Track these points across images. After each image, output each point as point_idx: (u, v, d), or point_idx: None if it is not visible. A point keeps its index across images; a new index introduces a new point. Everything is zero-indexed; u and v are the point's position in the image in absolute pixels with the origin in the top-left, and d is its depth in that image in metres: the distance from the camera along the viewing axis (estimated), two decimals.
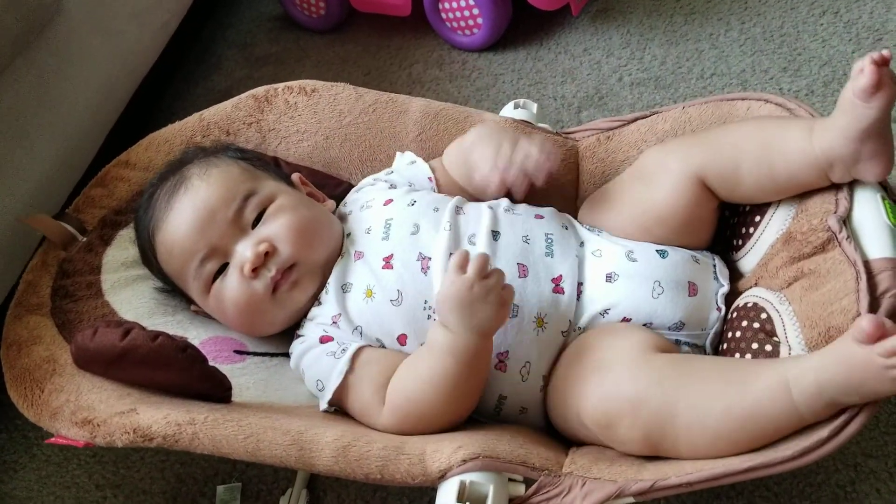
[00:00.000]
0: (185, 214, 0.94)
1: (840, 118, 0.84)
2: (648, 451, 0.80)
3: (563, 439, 0.91)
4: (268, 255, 0.92)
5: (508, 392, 0.90)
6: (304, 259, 0.94)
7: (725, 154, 0.91)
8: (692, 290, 0.91)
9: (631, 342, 0.85)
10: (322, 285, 0.95)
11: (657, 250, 0.93)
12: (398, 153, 1.09)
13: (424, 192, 1.01)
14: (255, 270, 0.92)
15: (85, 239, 1.05)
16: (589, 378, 0.83)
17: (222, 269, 0.95)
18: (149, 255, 1.00)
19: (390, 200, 0.98)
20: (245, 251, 0.93)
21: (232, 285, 0.94)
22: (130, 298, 1.02)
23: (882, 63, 0.80)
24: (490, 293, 0.81)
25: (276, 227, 0.94)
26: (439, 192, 1.03)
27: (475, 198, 1.02)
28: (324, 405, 0.90)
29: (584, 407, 0.82)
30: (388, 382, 0.87)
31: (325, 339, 0.92)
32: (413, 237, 0.94)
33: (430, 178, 1.04)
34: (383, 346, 0.91)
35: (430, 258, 0.92)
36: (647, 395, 0.78)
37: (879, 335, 0.69)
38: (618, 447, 0.82)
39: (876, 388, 0.71)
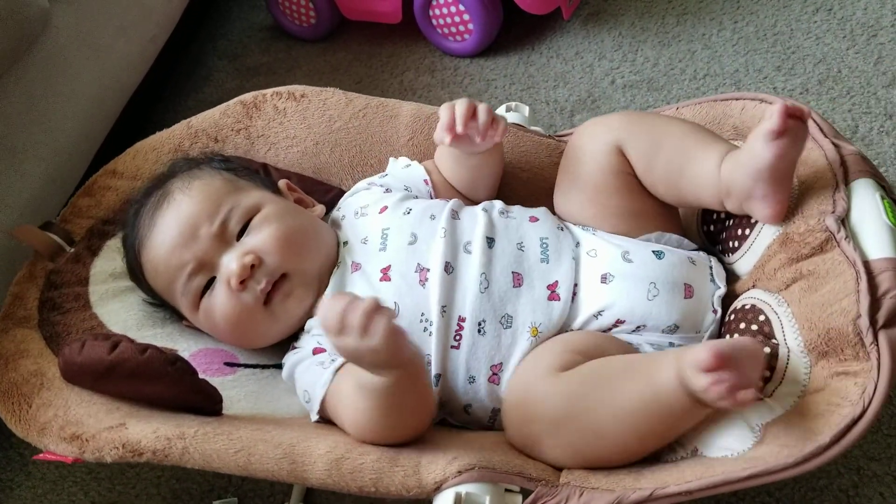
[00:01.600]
0: (168, 230, 0.93)
1: (744, 153, 0.85)
2: (580, 463, 0.81)
3: None
4: (254, 268, 0.91)
5: (501, 406, 0.89)
6: (294, 269, 0.93)
7: (653, 135, 0.92)
8: (688, 291, 0.90)
9: (537, 366, 0.85)
10: (318, 295, 0.94)
11: (653, 251, 0.92)
12: (391, 159, 1.08)
13: (420, 199, 1.01)
14: (243, 283, 0.91)
15: (72, 249, 1.04)
16: (507, 404, 0.85)
17: (210, 283, 0.94)
18: (137, 273, 0.99)
19: (385, 208, 0.98)
20: (230, 264, 0.92)
21: (221, 299, 0.93)
22: (118, 310, 1.01)
23: (792, 114, 0.81)
24: (364, 339, 0.74)
25: (262, 238, 0.93)
26: (435, 193, 1.03)
27: (468, 197, 1.03)
28: (314, 416, 0.89)
29: (508, 437, 0.85)
30: None
31: (317, 351, 0.91)
32: (411, 247, 0.93)
33: (425, 181, 1.03)
34: None
35: (428, 269, 0.91)
36: (565, 414, 0.79)
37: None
38: (554, 465, 0.83)
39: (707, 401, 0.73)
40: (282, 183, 1.04)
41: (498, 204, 0.98)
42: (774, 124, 0.80)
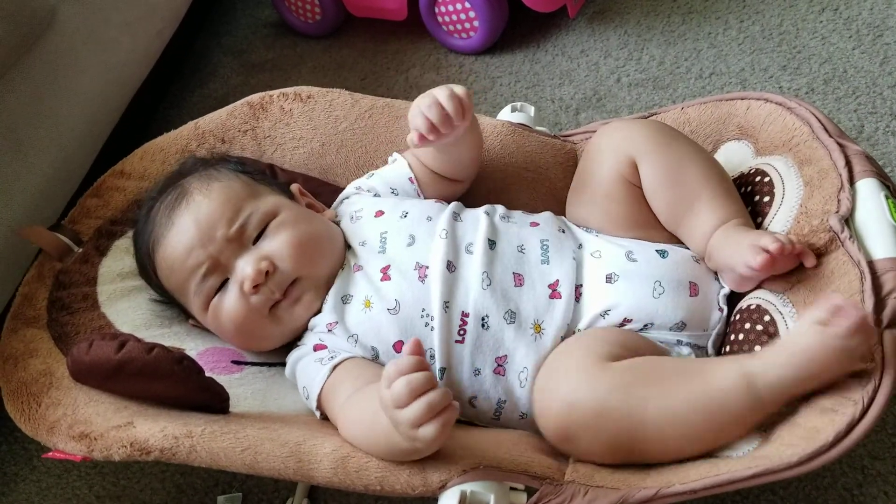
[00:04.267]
0: (186, 230, 0.94)
1: (734, 249, 0.87)
2: (614, 458, 0.81)
3: None
4: (268, 274, 0.92)
5: (507, 397, 0.90)
6: (306, 275, 0.93)
7: (672, 167, 0.92)
8: (693, 290, 0.90)
9: (580, 354, 0.84)
10: (324, 299, 0.94)
11: (657, 250, 0.93)
12: (389, 157, 1.08)
13: (414, 201, 1.01)
14: (256, 287, 0.91)
15: (81, 250, 1.04)
16: (544, 393, 0.83)
17: (223, 285, 0.94)
18: (148, 270, 0.99)
19: (381, 212, 0.98)
20: (246, 268, 0.92)
21: (230, 301, 0.93)
22: (126, 310, 1.02)
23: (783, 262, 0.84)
24: (417, 434, 0.73)
25: (278, 244, 0.93)
26: (421, 189, 1.04)
27: (452, 179, 1.04)
28: (317, 413, 0.90)
29: (543, 425, 0.83)
30: (351, 397, 0.85)
31: (318, 347, 0.92)
32: (409, 248, 0.93)
33: (410, 179, 1.04)
34: (377, 356, 0.91)
35: (427, 267, 0.91)
36: (610, 405, 0.78)
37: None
38: (582, 458, 0.82)
39: (837, 371, 0.74)
40: (294, 187, 1.04)
41: (500, 208, 0.99)
42: (759, 265, 0.82)
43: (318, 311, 0.94)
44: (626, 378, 0.79)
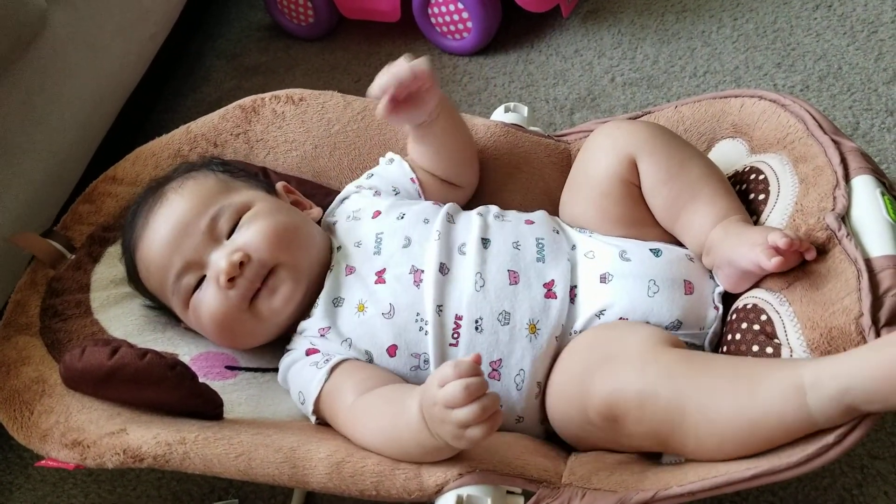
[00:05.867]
0: (159, 229, 0.94)
1: (735, 238, 0.86)
2: (657, 447, 0.80)
3: (562, 447, 0.90)
4: (243, 265, 0.91)
5: (504, 401, 0.89)
6: (283, 262, 0.92)
7: (671, 164, 0.91)
8: (688, 288, 0.90)
9: (641, 336, 0.83)
10: (306, 294, 0.94)
11: (651, 249, 0.93)
12: (381, 158, 1.08)
13: (412, 202, 1.01)
14: (232, 280, 0.91)
15: (73, 256, 1.04)
16: (596, 372, 0.81)
17: (201, 282, 0.94)
18: (132, 274, 0.99)
19: (378, 213, 0.98)
20: (219, 261, 0.92)
21: (208, 297, 0.93)
22: (119, 316, 1.01)
23: (797, 250, 0.82)
24: (465, 434, 0.73)
25: (251, 234, 0.93)
26: (423, 190, 1.03)
27: (452, 184, 1.03)
28: (311, 417, 0.89)
29: (592, 401, 0.81)
30: (360, 399, 0.85)
31: (310, 352, 0.91)
32: (405, 250, 0.93)
33: (412, 179, 1.03)
34: (371, 359, 0.90)
35: (422, 271, 0.91)
36: (655, 391, 0.76)
37: None
38: (626, 442, 0.81)
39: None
40: (279, 185, 1.04)
41: (493, 208, 0.99)
42: (773, 266, 0.81)
43: (308, 315, 0.93)
44: (676, 367, 0.77)
